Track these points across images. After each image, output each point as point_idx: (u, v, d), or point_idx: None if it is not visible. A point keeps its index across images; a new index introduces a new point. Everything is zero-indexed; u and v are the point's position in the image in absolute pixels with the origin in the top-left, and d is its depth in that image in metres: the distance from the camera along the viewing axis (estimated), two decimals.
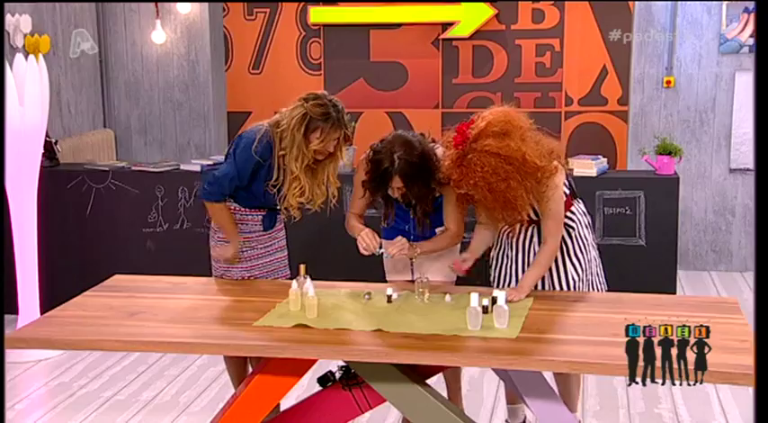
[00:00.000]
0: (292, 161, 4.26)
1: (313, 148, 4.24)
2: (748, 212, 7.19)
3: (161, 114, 7.93)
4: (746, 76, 7.07)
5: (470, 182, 3.89)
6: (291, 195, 4.32)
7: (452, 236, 4.38)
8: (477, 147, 3.87)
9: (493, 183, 3.86)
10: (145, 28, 7.78)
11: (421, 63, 8.26)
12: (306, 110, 4.23)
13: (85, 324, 3.88)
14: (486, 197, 3.92)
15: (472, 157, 3.86)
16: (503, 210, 3.97)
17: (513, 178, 3.87)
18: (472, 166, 3.86)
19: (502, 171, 3.85)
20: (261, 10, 8.38)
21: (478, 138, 3.89)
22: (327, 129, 4.23)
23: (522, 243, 4.24)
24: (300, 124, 4.22)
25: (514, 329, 3.69)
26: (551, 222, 4.08)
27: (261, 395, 3.87)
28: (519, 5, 8.01)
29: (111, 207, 6.47)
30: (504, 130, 3.89)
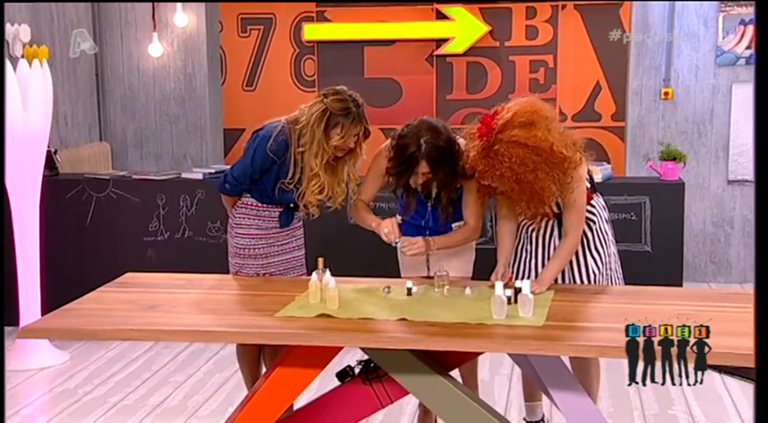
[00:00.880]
0: (312, 158, 4.22)
1: (333, 144, 4.21)
2: (747, 224, 7.22)
3: (157, 128, 7.89)
4: (743, 87, 7.13)
5: (497, 173, 3.85)
6: (310, 193, 4.29)
7: (470, 230, 4.35)
8: (504, 137, 3.82)
9: (521, 174, 3.82)
10: (141, 41, 7.75)
11: (415, 79, 8.29)
12: (326, 105, 4.20)
13: (105, 315, 3.82)
14: (512, 188, 3.89)
15: (499, 148, 3.82)
16: (529, 202, 3.94)
17: (541, 169, 3.84)
18: (499, 157, 3.82)
19: (530, 161, 3.81)
20: (255, 27, 8.39)
21: (505, 128, 3.84)
22: (348, 124, 4.20)
23: (541, 237, 4.22)
24: (320, 120, 4.18)
25: (540, 318, 3.67)
26: (574, 215, 4.05)
27: (281, 387, 3.80)
28: (513, 22, 8.05)
29: (112, 216, 6.41)
30: (530, 121, 3.85)
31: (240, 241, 4.43)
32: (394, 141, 4.19)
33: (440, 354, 3.83)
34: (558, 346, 3.53)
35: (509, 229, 4.25)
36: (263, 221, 4.43)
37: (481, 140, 3.90)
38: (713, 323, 3.57)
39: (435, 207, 4.37)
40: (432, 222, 4.38)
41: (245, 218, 4.43)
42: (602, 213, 4.26)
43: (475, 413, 3.80)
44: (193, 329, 3.69)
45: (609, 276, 4.28)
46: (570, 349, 3.56)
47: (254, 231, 4.42)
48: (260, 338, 3.74)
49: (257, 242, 4.42)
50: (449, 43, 8.08)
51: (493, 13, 8.04)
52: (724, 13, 7.12)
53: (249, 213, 4.43)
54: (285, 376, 3.79)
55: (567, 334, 3.58)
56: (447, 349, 3.59)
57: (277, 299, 3.98)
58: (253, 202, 4.42)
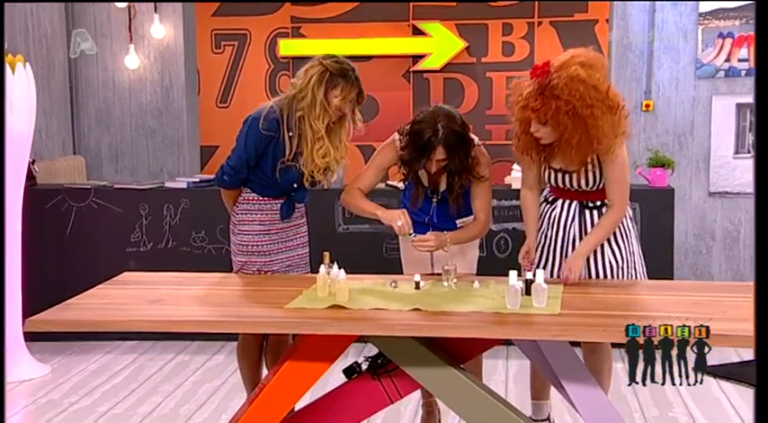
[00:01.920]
0: (315, 120, 4.18)
1: (334, 103, 4.18)
2: (728, 236, 7.24)
3: (133, 141, 7.75)
4: (723, 99, 7.18)
5: (552, 107, 3.83)
6: (317, 155, 4.21)
7: (482, 225, 4.32)
8: (563, 74, 3.84)
9: (578, 108, 3.83)
10: (117, 53, 7.63)
11: (392, 96, 8.25)
12: (325, 67, 4.18)
13: (110, 308, 3.72)
14: (566, 125, 3.86)
15: (558, 83, 3.83)
16: (580, 142, 3.90)
17: (598, 107, 3.86)
18: (556, 92, 3.83)
19: (588, 97, 3.83)
20: (229, 43, 8.32)
21: (563, 67, 3.87)
22: (347, 86, 4.20)
23: (563, 222, 4.19)
24: (321, 82, 4.16)
25: (554, 307, 3.63)
26: (616, 186, 4.06)
27: (292, 381, 3.71)
28: (490, 39, 8.06)
29: (93, 226, 6.26)
30: (589, 62, 3.90)
31: (243, 238, 4.34)
32: (408, 128, 4.16)
33: (451, 346, 3.78)
34: (580, 331, 3.49)
35: (534, 200, 4.29)
36: (265, 215, 4.34)
37: (536, 79, 3.89)
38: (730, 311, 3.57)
39: (441, 203, 4.33)
40: (436, 218, 4.33)
41: (248, 214, 4.34)
42: (628, 211, 4.24)
43: (489, 405, 3.73)
44: (205, 319, 3.60)
45: (630, 275, 4.24)
46: (593, 334, 3.51)
47: (257, 227, 4.34)
48: (273, 328, 3.66)
49: (261, 238, 4.34)
50: (425, 59, 8.07)
51: (469, 29, 8.05)
52: (703, 25, 7.18)
53: (251, 208, 4.34)
54: (295, 370, 3.70)
55: (587, 320, 3.54)
56: (465, 337, 3.53)
57: (283, 293, 3.90)
58: (254, 196, 4.34)
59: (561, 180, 4.12)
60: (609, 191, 4.08)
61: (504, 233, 6.10)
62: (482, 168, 4.23)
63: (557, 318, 3.51)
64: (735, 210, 7.24)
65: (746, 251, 7.26)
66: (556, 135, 3.94)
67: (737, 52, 7.20)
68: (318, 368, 3.71)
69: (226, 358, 5.91)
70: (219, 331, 3.66)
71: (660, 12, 7.20)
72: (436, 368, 3.69)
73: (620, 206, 4.09)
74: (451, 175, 4.19)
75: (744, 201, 7.22)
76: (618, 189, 4.07)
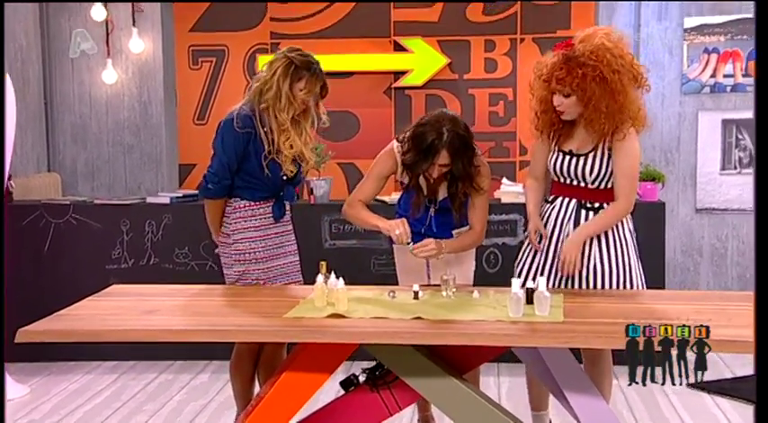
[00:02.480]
0: (280, 112, 4.15)
1: (298, 95, 4.16)
2: (715, 252, 7.19)
3: (110, 158, 7.59)
4: (709, 115, 7.15)
5: (579, 74, 3.87)
6: (285, 147, 4.18)
7: (477, 235, 4.25)
8: (588, 45, 3.90)
9: (605, 73, 3.87)
10: (94, 68, 7.49)
11: (373, 112, 8.14)
12: (290, 59, 4.17)
13: (103, 318, 3.59)
14: (593, 91, 3.88)
15: (584, 51, 3.89)
16: (608, 108, 3.90)
17: (624, 74, 3.90)
18: (582, 59, 3.88)
19: (615, 64, 3.88)
20: (206, 59, 8.18)
21: (588, 38, 3.94)
22: (312, 79, 4.18)
23: (559, 220, 4.15)
24: (286, 74, 4.14)
25: (558, 315, 3.55)
26: (625, 180, 4.04)
27: (290, 393, 3.60)
28: (472, 55, 8.00)
29: (72, 243, 6.09)
30: (611, 36, 3.96)
31: (240, 246, 4.24)
32: (410, 131, 4.08)
33: (451, 357, 3.69)
34: (588, 338, 3.42)
35: (539, 187, 4.30)
36: (258, 220, 4.27)
37: (560, 51, 3.97)
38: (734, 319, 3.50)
39: (438, 213, 4.24)
40: (434, 228, 4.24)
41: (241, 221, 4.25)
42: (628, 223, 4.18)
43: (491, 416, 3.64)
44: (204, 328, 3.46)
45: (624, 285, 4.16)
46: (599, 340, 3.43)
47: (253, 233, 4.25)
48: (273, 336, 3.54)
49: (257, 244, 4.25)
50: (407, 76, 7.97)
51: (451, 45, 7.96)
52: (688, 41, 7.16)
53: (244, 215, 4.25)
54: (293, 381, 3.59)
55: (592, 328, 3.46)
56: (470, 344, 3.43)
57: (280, 303, 3.81)
58: (244, 203, 4.26)
59: (567, 168, 4.07)
60: (617, 184, 4.05)
61: (493, 248, 6.00)
62: (482, 179, 4.17)
63: (561, 325, 3.44)
64: (722, 226, 7.19)
65: (734, 268, 7.22)
66: (580, 107, 3.96)
67: (723, 68, 7.18)
68: (317, 379, 3.61)
69: (210, 377, 5.75)
70: (219, 340, 3.52)
71: (645, 27, 7.18)
72: (437, 378, 3.61)
73: (626, 200, 4.06)
74: (453, 183, 4.11)
75: (730, 217, 7.18)
76: (626, 183, 4.04)
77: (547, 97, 4.02)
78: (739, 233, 7.22)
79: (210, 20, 8.02)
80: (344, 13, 7.97)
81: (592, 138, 4.03)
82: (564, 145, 4.10)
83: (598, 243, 4.11)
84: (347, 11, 7.97)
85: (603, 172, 4.05)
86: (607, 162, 4.03)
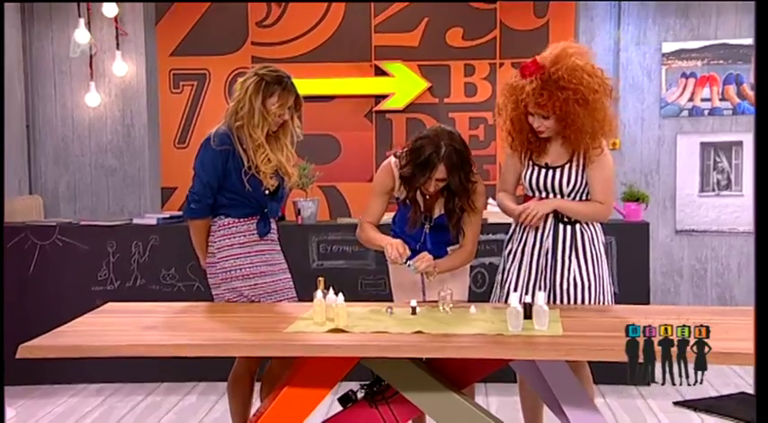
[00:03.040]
0: (253, 129, 4.18)
1: (271, 110, 4.18)
2: (695, 274, 7.28)
3: (92, 181, 7.58)
4: (687, 138, 7.27)
5: (561, 98, 3.93)
6: (261, 163, 4.19)
7: (468, 254, 4.29)
8: (562, 67, 3.96)
9: (587, 95, 3.94)
10: (77, 90, 7.49)
11: (354, 136, 8.18)
12: (260, 76, 4.21)
13: (104, 334, 3.58)
14: (577, 113, 3.95)
15: (562, 75, 3.94)
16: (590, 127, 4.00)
17: (601, 91, 4.00)
18: (562, 83, 3.93)
19: (592, 83, 3.96)
20: (188, 83, 8.20)
21: (559, 59, 4.00)
22: (284, 93, 4.21)
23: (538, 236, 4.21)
24: (257, 90, 4.18)
25: (557, 329, 3.58)
26: (598, 184, 4.15)
27: (290, 409, 3.59)
28: (452, 79, 8.07)
29: (58, 265, 6.06)
30: (579, 52, 4.05)
31: (225, 264, 4.24)
32: (409, 145, 4.12)
33: (450, 371, 3.70)
34: (588, 351, 3.43)
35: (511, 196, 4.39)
36: (243, 237, 4.27)
37: (532, 77, 4.02)
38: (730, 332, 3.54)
39: (433, 230, 4.27)
40: (428, 245, 4.26)
41: (225, 238, 4.26)
42: (600, 234, 4.25)
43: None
44: (209, 343, 3.46)
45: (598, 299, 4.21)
46: (601, 354, 3.45)
47: (238, 250, 4.25)
48: (278, 351, 3.51)
49: (243, 261, 4.25)
50: (388, 99, 8.03)
51: (431, 70, 8.04)
52: (666, 66, 7.28)
53: (228, 233, 4.27)
54: (294, 396, 3.59)
55: (592, 341, 3.48)
56: (472, 357, 3.45)
57: (280, 319, 3.81)
58: (228, 221, 4.28)
59: (543, 181, 4.16)
60: (595, 192, 4.16)
61: (480, 268, 6.04)
62: (477, 197, 4.20)
63: (561, 339, 3.46)
64: (701, 247, 7.29)
65: (713, 289, 7.30)
66: (560, 126, 4.03)
67: (700, 92, 7.30)
68: (317, 394, 3.60)
69: (198, 398, 5.73)
70: (223, 355, 3.51)
71: (624, 52, 7.30)
72: (437, 393, 3.62)
73: (608, 204, 4.18)
74: (450, 199, 4.14)
75: (709, 238, 7.27)
76: (606, 190, 4.15)
77: (522, 118, 4.09)
78: (718, 254, 7.31)
79: (191, 44, 8.04)
80: (326, 37, 8.03)
81: (567, 151, 4.11)
82: (539, 159, 4.17)
83: (576, 256, 4.17)
84: (329, 35, 8.03)
85: (579, 183, 4.12)
86: (582, 173, 4.11)
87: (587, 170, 4.10)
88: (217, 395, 5.70)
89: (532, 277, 4.20)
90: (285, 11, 8.04)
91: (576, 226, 4.16)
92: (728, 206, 7.29)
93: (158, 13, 7.90)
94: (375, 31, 8.03)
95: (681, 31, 7.36)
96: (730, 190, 7.29)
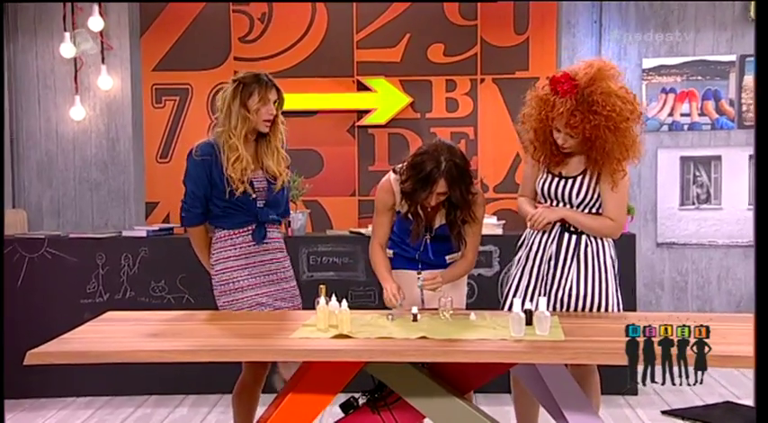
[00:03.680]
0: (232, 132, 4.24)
1: (254, 109, 4.22)
2: (676, 286, 7.37)
3: (76, 195, 7.56)
4: (667, 152, 7.37)
5: (593, 123, 3.97)
6: (230, 167, 4.21)
7: (469, 263, 4.36)
8: (597, 90, 4.00)
9: (618, 122, 3.99)
10: (61, 105, 7.47)
11: (337, 150, 8.21)
12: (237, 80, 4.28)
13: (113, 341, 3.60)
14: (605, 138, 4.00)
15: (596, 99, 3.97)
16: (619, 153, 4.06)
17: (632, 118, 4.05)
18: (595, 108, 3.97)
19: (625, 111, 4.01)
20: (170, 97, 8.21)
21: (594, 81, 4.02)
22: (263, 88, 4.26)
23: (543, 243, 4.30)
24: (235, 95, 4.25)
25: (558, 334, 3.63)
26: (613, 201, 4.17)
27: (295, 414, 3.63)
28: (434, 95, 8.13)
29: (46, 278, 6.05)
30: (613, 74, 4.11)
31: (223, 277, 4.28)
32: (408, 160, 4.16)
33: (452, 377, 3.75)
34: (594, 355, 3.51)
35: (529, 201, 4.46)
36: (239, 249, 4.32)
37: (565, 97, 4.01)
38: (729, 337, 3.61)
39: (434, 240, 4.32)
40: (431, 255, 4.32)
41: (221, 251, 4.32)
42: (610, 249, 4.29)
43: None
44: (218, 348, 3.48)
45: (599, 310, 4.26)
46: (604, 357, 3.51)
47: (233, 263, 4.30)
48: (287, 355, 3.55)
49: (239, 273, 4.29)
50: (371, 114, 8.08)
51: (413, 85, 8.09)
52: (646, 81, 7.40)
53: (224, 245, 4.32)
54: (298, 402, 3.62)
55: (595, 345, 3.54)
56: (482, 361, 3.50)
57: (283, 325, 3.85)
58: (225, 232, 4.33)
59: (555, 190, 4.21)
60: (607, 208, 4.21)
61: (469, 279, 6.04)
62: (477, 208, 4.27)
63: (564, 343, 3.53)
64: (681, 260, 7.38)
65: (694, 302, 7.40)
66: (585, 147, 4.04)
67: (680, 107, 7.42)
68: (322, 400, 3.64)
69: (189, 410, 5.72)
70: (234, 360, 3.57)
71: None
72: (440, 398, 3.66)
73: (618, 222, 4.21)
74: (452, 211, 4.19)
75: (690, 251, 7.37)
76: (618, 206, 4.22)
77: (546, 131, 4.14)
78: (698, 267, 7.41)
79: (174, 59, 8.04)
80: (308, 52, 8.07)
81: (586, 165, 4.16)
82: (554, 168, 4.23)
83: (577, 266, 4.22)
84: (311, 51, 8.06)
85: (590, 196, 4.17)
86: (594, 186, 4.16)
87: (602, 186, 4.14)
88: (208, 407, 5.70)
89: (532, 283, 4.26)
90: (268, 26, 8.08)
91: (582, 237, 4.21)
92: (708, 219, 7.39)
93: (143, 26, 7.91)
94: (357, 47, 8.07)
95: (661, 48, 7.48)
96: (710, 203, 7.40)
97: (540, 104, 4.13)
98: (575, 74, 4.08)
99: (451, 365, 3.68)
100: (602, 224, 4.19)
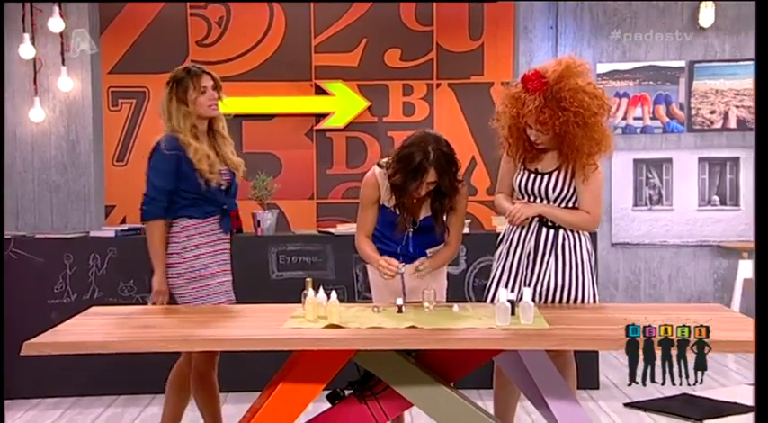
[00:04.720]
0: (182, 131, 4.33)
1: (192, 99, 4.33)
2: (629, 285, 7.57)
3: (35, 197, 7.51)
4: (621, 155, 7.56)
5: (562, 119, 4.06)
6: (197, 162, 4.30)
7: (453, 249, 4.44)
8: (565, 86, 4.08)
9: (587, 117, 4.07)
10: (19, 107, 7.43)
11: (295, 154, 8.27)
12: (169, 79, 4.42)
13: (107, 331, 3.61)
14: (574, 134, 4.10)
15: (564, 96, 4.06)
16: (588, 148, 4.14)
17: (600, 113, 4.12)
18: (564, 104, 4.06)
19: (594, 106, 4.09)
20: (126, 100, 8.19)
21: (562, 79, 4.10)
22: (195, 77, 4.37)
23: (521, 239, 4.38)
24: (170, 93, 4.40)
25: (542, 323, 3.72)
26: (588, 195, 4.27)
27: (287, 403, 3.68)
28: (390, 99, 8.22)
29: (12, 278, 5.97)
30: (581, 71, 4.16)
31: (193, 264, 4.38)
32: (396, 154, 4.22)
33: (439, 366, 3.81)
34: (579, 341, 3.61)
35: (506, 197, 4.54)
36: (208, 237, 4.43)
37: (535, 94, 4.10)
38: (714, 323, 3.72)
39: (416, 233, 4.38)
40: (411, 248, 4.38)
41: (190, 239, 4.40)
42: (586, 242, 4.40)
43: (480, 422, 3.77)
44: (215, 338, 3.53)
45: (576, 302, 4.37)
46: (592, 343, 3.63)
47: (204, 249, 4.40)
48: (281, 345, 3.57)
49: (208, 261, 4.41)
50: (329, 118, 8.15)
51: (371, 89, 8.19)
52: (601, 86, 7.53)
53: (193, 234, 4.40)
54: (289, 391, 3.67)
55: (578, 332, 3.64)
56: (472, 348, 3.58)
57: (271, 317, 3.87)
58: (192, 221, 4.40)
59: (531, 186, 4.31)
60: (583, 201, 4.29)
61: None
62: (460, 199, 4.34)
63: (549, 331, 3.61)
64: (635, 259, 7.58)
65: (646, 300, 7.59)
66: (557, 142, 4.18)
67: (633, 111, 7.62)
68: (313, 389, 3.69)
69: (160, 409, 5.69)
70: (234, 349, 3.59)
71: None
72: (428, 386, 3.72)
73: (594, 215, 4.30)
74: (437, 200, 4.27)
75: (642, 251, 7.57)
76: (593, 199, 4.29)
77: (519, 128, 4.24)
78: (651, 266, 7.61)
79: (131, 62, 8.04)
80: (266, 56, 8.13)
81: (559, 159, 4.28)
82: (530, 164, 4.34)
83: (555, 259, 4.32)
84: (269, 55, 8.12)
85: (566, 191, 4.28)
86: (570, 181, 4.27)
87: (576, 180, 4.26)
88: None
89: (512, 277, 4.36)
90: (226, 30, 8.12)
91: (560, 231, 4.31)
92: (660, 220, 7.60)
93: (101, 28, 7.89)
94: (315, 51, 8.15)
95: (614, 53, 7.69)
96: (661, 204, 7.61)
97: (512, 102, 4.23)
98: (544, 71, 4.18)
99: (439, 355, 3.75)
100: (578, 218, 4.30)
